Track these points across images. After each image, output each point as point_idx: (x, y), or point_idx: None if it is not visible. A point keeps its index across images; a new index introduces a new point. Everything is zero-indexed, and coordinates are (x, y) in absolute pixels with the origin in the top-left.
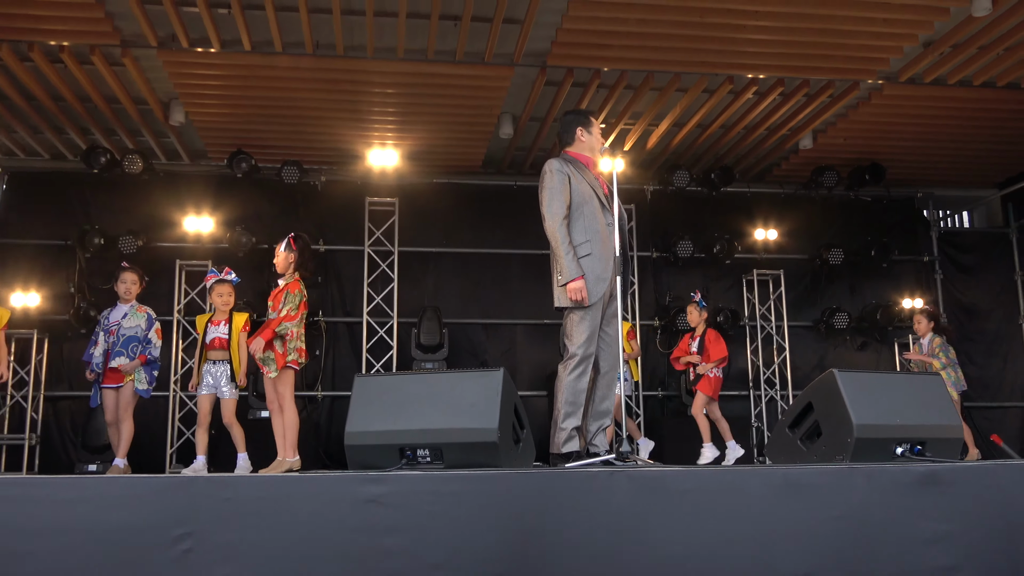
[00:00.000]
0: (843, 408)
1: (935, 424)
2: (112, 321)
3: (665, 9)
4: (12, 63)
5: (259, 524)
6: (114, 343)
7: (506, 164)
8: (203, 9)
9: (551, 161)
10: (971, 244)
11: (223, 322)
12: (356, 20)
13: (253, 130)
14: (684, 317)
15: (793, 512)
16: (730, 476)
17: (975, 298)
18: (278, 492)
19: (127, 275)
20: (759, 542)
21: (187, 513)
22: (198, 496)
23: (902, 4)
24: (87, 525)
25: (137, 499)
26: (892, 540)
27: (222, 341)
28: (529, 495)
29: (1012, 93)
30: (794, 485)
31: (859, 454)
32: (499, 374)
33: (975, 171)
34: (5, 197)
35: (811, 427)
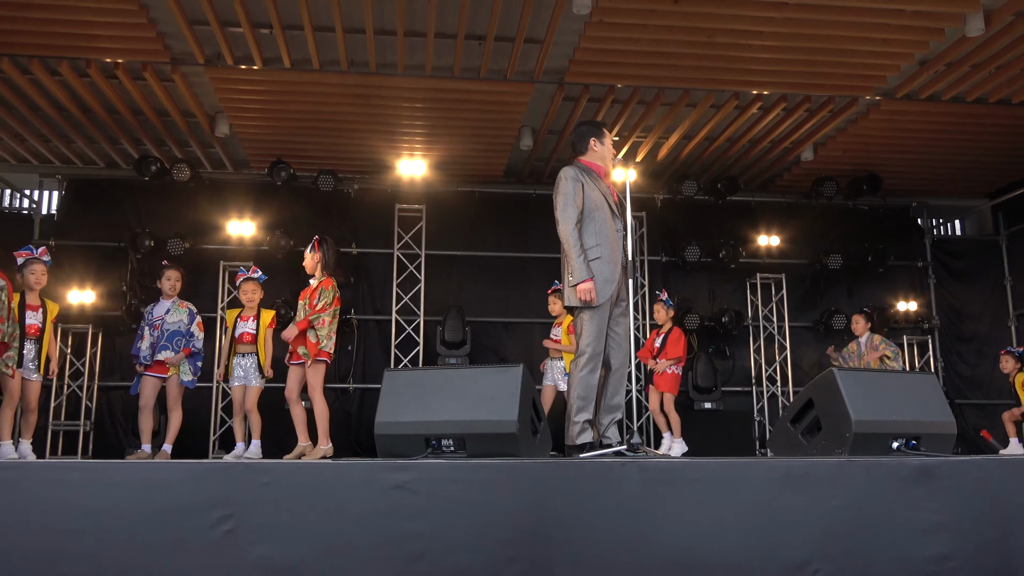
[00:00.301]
0: (842, 404)
1: (929, 420)
2: (156, 316)
3: (675, 30)
4: (71, 78)
5: (295, 507)
6: (159, 337)
7: (526, 174)
8: (247, 29)
9: (566, 169)
10: (963, 251)
11: (251, 318)
12: (388, 39)
13: (292, 141)
14: (691, 317)
15: (794, 502)
16: (735, 467)
17: (966, 302)
18: (313, 477)
19: (170, 272)
20: (762, 529)
21: (228, 496)
22: (239, 480)
23: (899, 25)
24: (136, 506)
25: (182, 483)
26: (887, 529)
27: (250, 335)
28: (546, 483)
29: (1003, 109)
30: (796, 476)
31: (857, 448)
32: (518, 370)
33: (967, 182)
34: (63, 202)
35: (812, 422)
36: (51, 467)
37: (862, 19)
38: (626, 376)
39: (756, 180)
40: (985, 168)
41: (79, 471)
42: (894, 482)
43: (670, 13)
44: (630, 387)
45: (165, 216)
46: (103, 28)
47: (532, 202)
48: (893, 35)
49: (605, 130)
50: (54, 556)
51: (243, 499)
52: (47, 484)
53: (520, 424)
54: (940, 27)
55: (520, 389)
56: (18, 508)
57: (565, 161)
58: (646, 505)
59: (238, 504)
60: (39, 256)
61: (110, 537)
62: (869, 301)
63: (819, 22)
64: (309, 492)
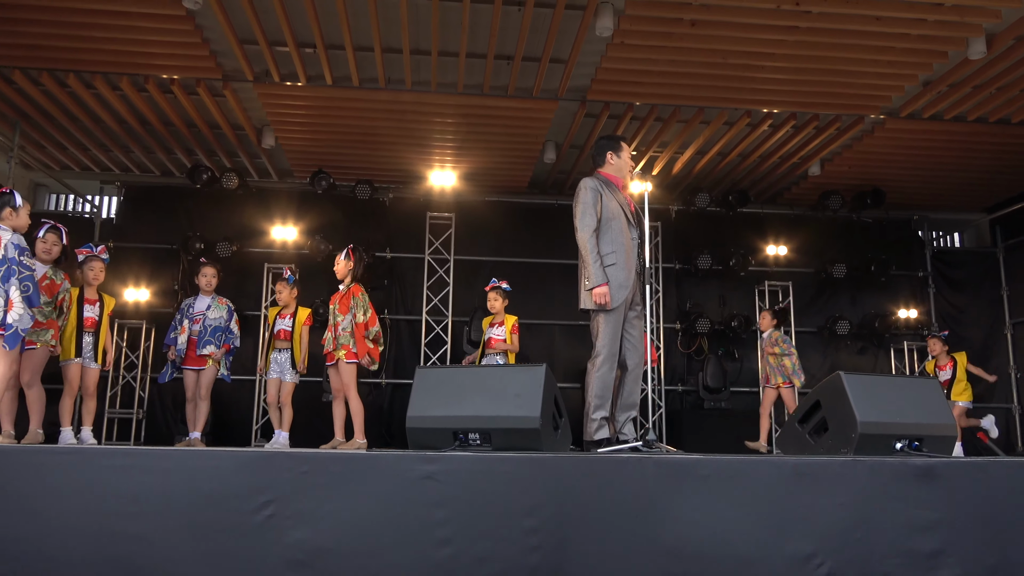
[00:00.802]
0: (848, 406)
1: (932, 423)
2: (197, 311)
3: (691, 51)
4: (131, 93)
5: (332, 494)
6: (201, 332)
7: (549, 185)
8: (292, 48)
9: (585, 179)
10: (961, 262)
11: (289, 315)
12: (422, 59)
13: (332, 153)
14: (702, 321)
15: (801, 498)
16: (745, 464)
17: (964, 310)
18: (349, 467)
19: (207, 269)
20: (770, 523)
21: (270, 483)
22: (280, 468)
23: (904, 48)
24: (185, 491)
25: (228, 470)
26: (889, 526)
27: (286, 332)
28: (567, 476)
29: (1002, 128)
30: (803, 474)
31: (862, 448)
32: (541, 369)
33: (966, 197)
34: (122, 207)
35: (819, 422)
36: (107, 453)
37: (869, 42)
38: (641, 376)
39: (765, 193)
40: (984, 184)
41: (132, 457)
42: (897, 481)
43: (687, 35)
44: (645, 386)
45: (214, 221)
46: (161, 47)
47: (554, 212)
48: (899, 57)
49: (623, 144)
50: (108, 536)
51: (284, 486)
52: (103, 469)
53: (542, 420)
54: (944, 50)
55: (543, 387)
56: (76, 490)
57: (586, 173)
58: (661, 498)
59: (279, 491)
60: (98, 254)
61: (159, 519)
62: (871, 309)
63: (828, 44)
64: (345, 480)
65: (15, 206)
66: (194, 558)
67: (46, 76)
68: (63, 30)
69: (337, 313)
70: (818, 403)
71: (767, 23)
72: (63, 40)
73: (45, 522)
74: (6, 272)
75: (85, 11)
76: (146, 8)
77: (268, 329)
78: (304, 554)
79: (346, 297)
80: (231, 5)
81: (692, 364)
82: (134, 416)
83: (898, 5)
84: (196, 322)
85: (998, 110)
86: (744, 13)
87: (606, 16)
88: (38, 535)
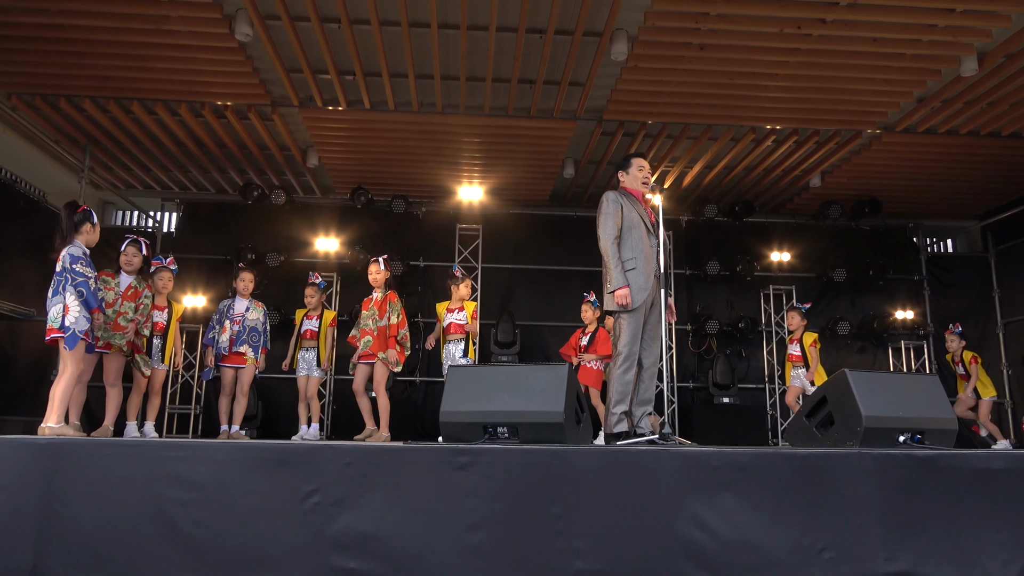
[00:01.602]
0: (853, 401)
1: (933, 417)
2: (236, 313)
3: (700, 73)
4: (188, 118)
5: (373, 484)
6: (239, 332)
7: (568, 198)
8: (334, 77)
9: (608, 192)
10: (955, 266)
11: (315, 317)
12: (452, 84)
13: (370, 170)
14: (711, 323)
15: (808, 487)
16: (757, 456)
17: (958, 312)
18: (388, 458)
19: (244, 274)
20: (782, 511)
21: (316, 473)
22: (323, 460)
23: (900, 66)
24: (236, 480)
25: (276, 461)
26: (891, 514)
27: (313, 332)
28: (590, 466)
29: (993, 140)
30: (812, 466)
31: (867, 441)
32: (564, 368)
33: (959, 205)
34: (180, 222)
35: (825, 417)
36: (167, 446)
37: (867, 62)
38: (656, 373)
39: (769, 204)
40: (976, 193)
41: (189, 449)
42: (900, 471)
43: (696, 59)
44: (660, 384)
45: (264, 234)
46: (216, 76)
47: (573, 223)
48: (894, 75)
49: (631, 160)
50: (168, 520)
51: (327, 476)
52: (165, 460)
53: (566, 415)
54: (938, 68)
55: (566, 384)
56: (140, 479)
57: (603, 187)
58: (677, 487)
59: (323, 480)
60: (167, 265)
61: (214, 506)
62: (870, 311)
63: (828, 64)
64: (384, 471)
65: (94, 222)
66: (248, 541)
67: (113, 104)
68: (127, 62)
69: (378, 317)
70: (824, 399)
71: (771, 45)
72: (128, 71)
73: (111, 507)
74: (63, 282)
75: (147, 44)
76: (202, 41)
77: (296, 329)
78: (348, 539)
79: (383, 304)
80: (279, 37)
81: (702, 363)
82: (192, 412)
83: (894, 27)
84: (236, 323)
85: (989, 124)
86: (749, 37)
87: (621, 42)
88: (107, 519)
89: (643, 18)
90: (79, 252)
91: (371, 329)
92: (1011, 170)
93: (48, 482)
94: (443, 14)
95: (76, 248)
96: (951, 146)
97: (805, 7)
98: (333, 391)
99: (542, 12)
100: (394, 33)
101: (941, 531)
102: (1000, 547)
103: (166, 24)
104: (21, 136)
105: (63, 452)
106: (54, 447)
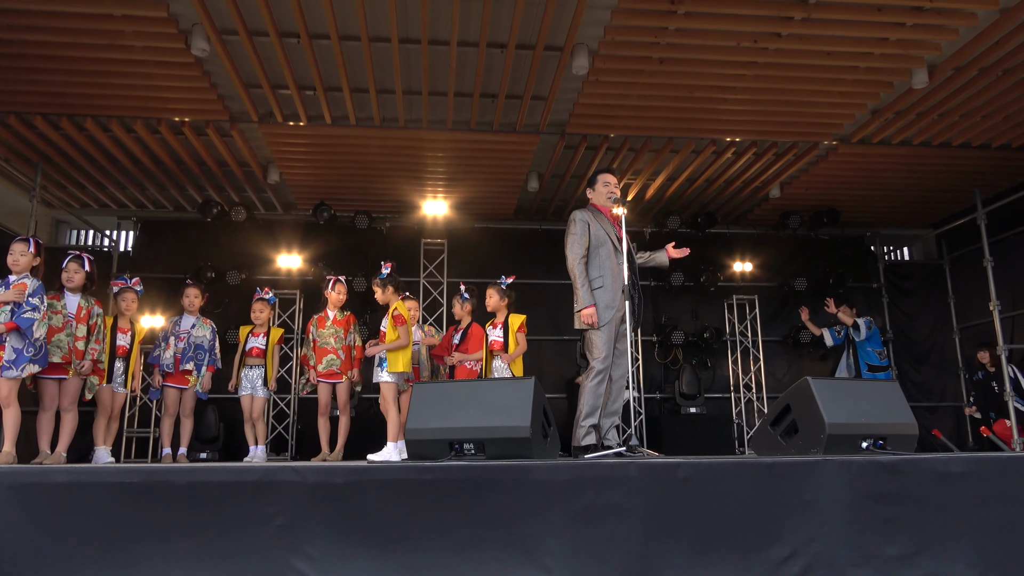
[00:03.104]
0: (816, 409)
1: (894, 423)
2: (183, 329)
3: (660, 87)
4: (145, 135)
5: (335, 502)
6: (185, 349)
7: (533, 212)
8: (294, 91)
9: (575, 212)
10: (911, 273)
11: (262, 334)
12: (414, 98)
13: (333, 186)
14: (676, 333)
15: (777, 495)
16: (723, 465)
17: (915, 317)
18: (351, 478)
19: (190, 290)
20: (750, 519)
21: (278, 494)
22: (286, 481)
23: (854, 79)
24: (201, 502)
25: (238, 484)
26: (856, 519)
27: (259, 350)
28: (557, 480)
29: (944, 151)
30: (778, 473)
31: (830, 448)
32: (530, 382)
33: (914, 214)
34: (137, 241)
35: (789, 425)
36: (124, 471)
37: (822, 75)
38: (624, 386)
39: (731, 215)
40: (930, 202)
41: (147, 474)
42: (863, 477)
43: (656, 72)
44: (627, 394)
45: (224, 252)
46: (172, 92)
47: (539, 236)
48: (849, 88)
49: (598, 177)
50: (121, 544)
51: (291, 496)
52: (120, 487)
53: (532, 429)
54: (890, 80)
55: (532, 398)
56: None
57: (567, 201)
58: (645, 498)
59: (287, 501)
60: (132, 286)
61: (179, 529)
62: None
63: (784, 78)
64: (348, 490)
65: None
66: (209, 564)
67: (65, 120)
68: (80, 78)
69: (342, 336)
70: (788, 407)
71: (729, 59)
72: (81, 87)
73: (63, 535)
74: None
75: (101, 60)
76: (158, 56)
77: (239, 347)
78: (312, 561)
79: (346, 322)
80: (237, 52)
81: (668, 373)
82: (151, 435)
83: (847, 40)
84: (181, 339)
85: (940, 134)
86: (708, 51)
87: (581, 56)
88: (61, 550)
89: (603, 32)
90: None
91: (334, 348)
92: (962, 179)
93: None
94: (404, 29)
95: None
96: (905, 156)
97: (761, 22)
98: (297, 410)
99: (503, 27)
100: (355, 48)
101: (906, 535)
102: (964, 550)
103: (120, 39)
104: None
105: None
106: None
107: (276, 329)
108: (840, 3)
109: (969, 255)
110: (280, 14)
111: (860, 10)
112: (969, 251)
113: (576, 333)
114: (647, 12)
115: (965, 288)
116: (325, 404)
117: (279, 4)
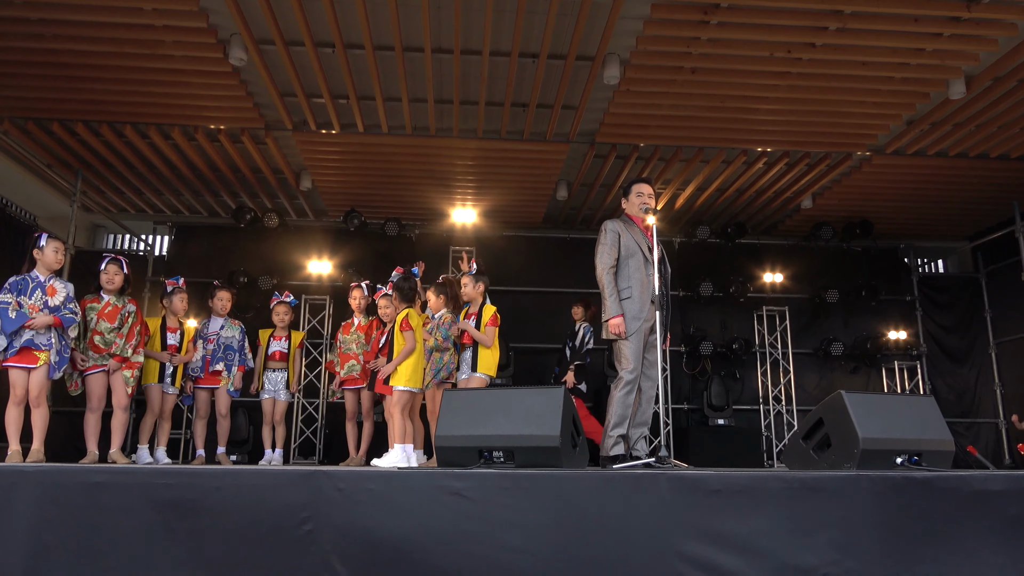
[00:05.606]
0: (850, 423)
1: (930, 439)
2: (211, 331)
3: (691, 96)
4: (182, 142)
5: (365, 509)
6: (214, 351)
7: (561, 220)
8: (327, 100)
9: (607, 222)
10: (946, 287)
11: (283, 337)
12: (445, 107)
13: (364, 193)
14: (705, 343)
15: (809, 510)
16: (754, 479)
17: (950, 332)
18: (382, 484)
19: (221, 293)
20: (778, 536)
21: (309, 499)
22: (317, 486)
23: (889, 89)
24: (233, 506)
25: (269, 487)
26: (889, 536)
27: (282, 354)
28: (586, 490)
29: (981, 162)
30: (810, 488)
31: (864, 463)
32: (560, 390)
33: (949, 226)
34: (172, 245)
35: (822, 439)
36: (160, 472)
37: (856, 85)
38: (654, 397)
39: (761, 225)
40: (965, 214)
41: (185, 476)
42: (897, 493)
43: (687, 82)
44: (656, 405)
45: (257, 257)
46: (210, 100)
47: (567, 244)
48: (884, 99)
49: (633, 186)
50: (162, 546)
51: (321, 502)
52: (159, 488)
53: (562, 438)
54: (926, 91)
55: (561, 408)
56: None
57: (596, 210)
58: (673, 510)
59: (317, 506)
60: (182, 286)
61: (211, 532)
62: (863, 331)
63: (818, 88)
64: (378, 497)
65: (40, 246)
66: (241, 566)
67: (105, 128)
68: (121, 86)
69: (364, 342)
70: (821, 420)
71: (761, 69)
72: (121, 95)
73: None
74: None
75: (141, 69)
76: (196, 65)
77: (261, 350)
78: (341, 566)
79: (368, 328)
80: (273, 62)
81: (696, 384)
82: (182, 436)
83: (883, 51)
84: (211, 341)
85: (977, 146)
86: (740, 61)
87: (613, 66)
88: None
89: (635, 42)
90: (12, 280)
91: (355, 354)
92: (1000, 191)
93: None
94: (437, 39)
95: (15, 277)
96: (940, 168)
97: (795, 32)
98: (325, 415)
99: (535, 37)
100: (388, 57)
101: (940, 553)
102: (999, 569)
103: (160, 49)
104: (12, 160)
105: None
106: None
107: (297, 333)
108: (876, 13)
109: (1006, 269)
110: (316, 24)
111: (896, 20)
112: (1006, 264)
113: (601, 341)
114: (680, 22)
115: (1002, 302)
116: (352, 410)
117: (315, 14)
